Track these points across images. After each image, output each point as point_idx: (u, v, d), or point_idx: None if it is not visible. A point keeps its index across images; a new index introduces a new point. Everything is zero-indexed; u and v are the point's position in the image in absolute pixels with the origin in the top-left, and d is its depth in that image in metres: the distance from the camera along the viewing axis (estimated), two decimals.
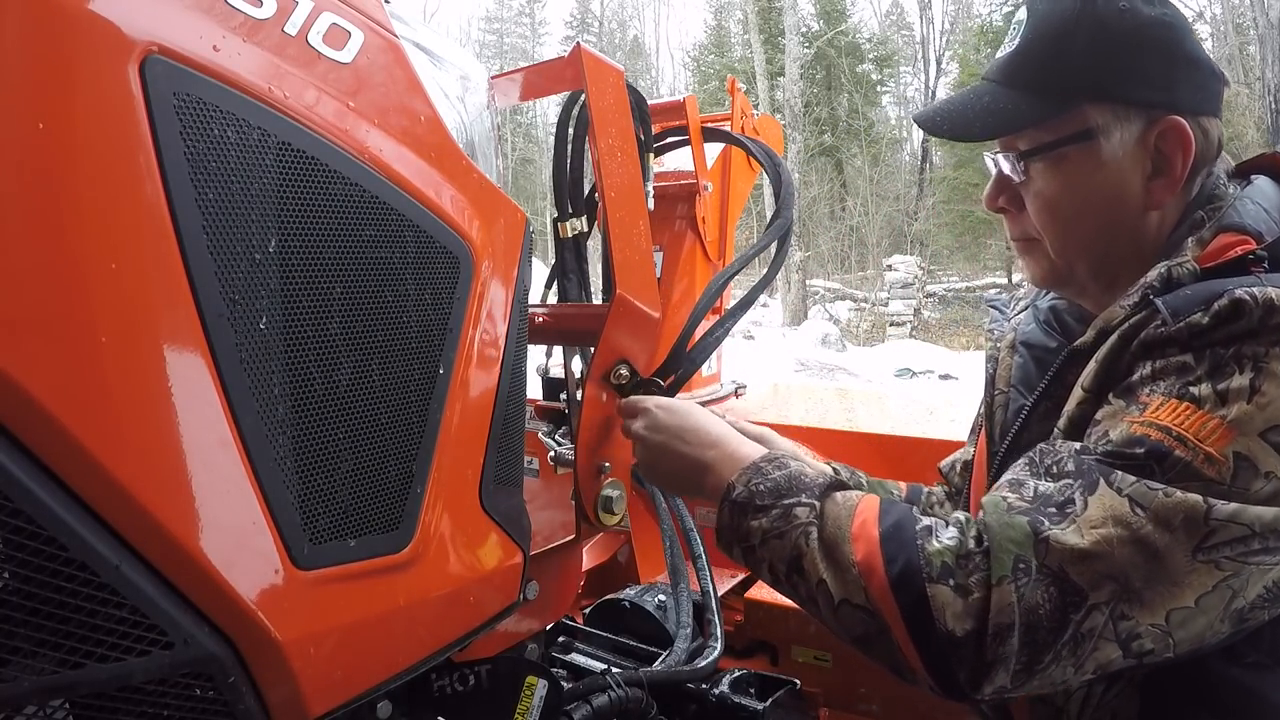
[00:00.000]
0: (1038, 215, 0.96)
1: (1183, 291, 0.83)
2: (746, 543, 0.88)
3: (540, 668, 1.10)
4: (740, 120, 2.10)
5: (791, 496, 0.87)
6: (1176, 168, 0.90)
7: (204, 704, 0.68)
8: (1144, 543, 0.71)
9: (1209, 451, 0.73)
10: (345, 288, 0.74)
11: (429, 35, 0.91)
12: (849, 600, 0.79)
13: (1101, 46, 0.89)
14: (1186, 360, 0.78)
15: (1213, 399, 0.75)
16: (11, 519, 0.56)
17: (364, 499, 0.77)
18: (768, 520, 0.86)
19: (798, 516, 0.85)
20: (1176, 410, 0.75)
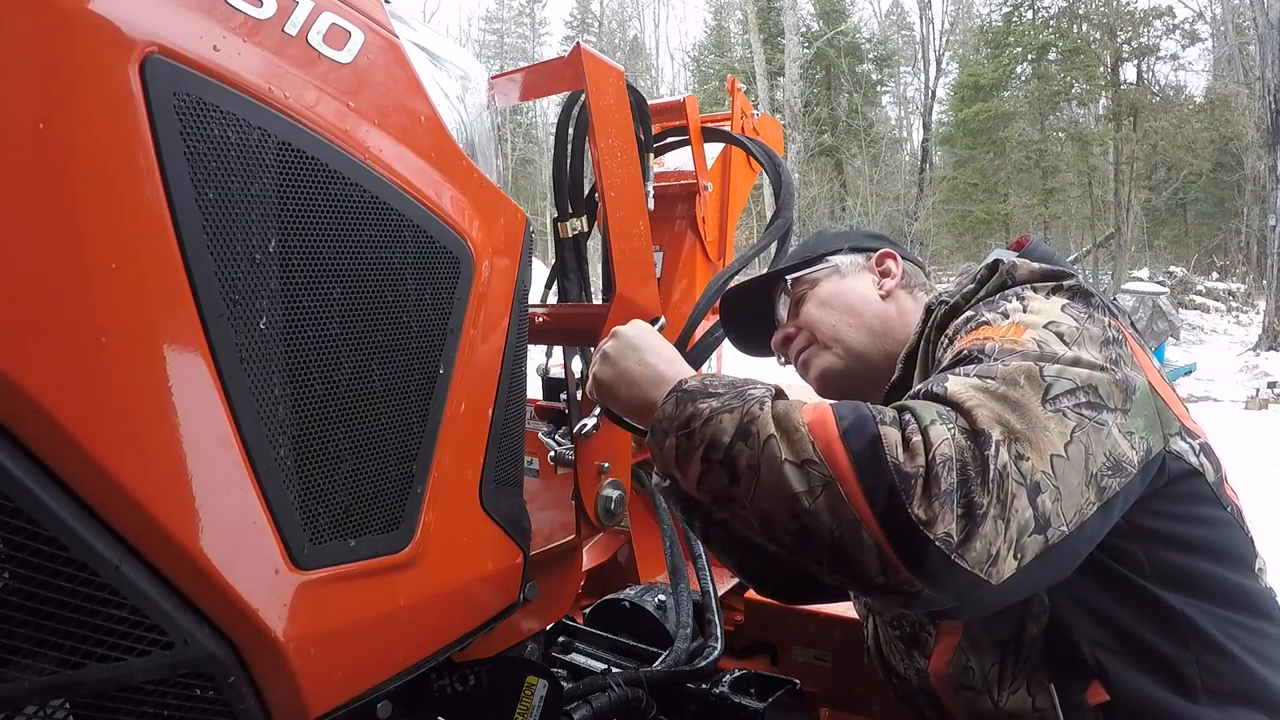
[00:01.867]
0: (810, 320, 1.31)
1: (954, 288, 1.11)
2: (687, 427, 0.88)
3: (540, 668, 1.10)
4: (740, 120, 2.10)
5: (745, 385, 0.90)
6: (892, 271, 1.32)
7: (204, 704, 0.68)
8: (1005, 398, 0.82)
9: (1013, 339, 0.89)
10: (345, 288, 0.74)
11: (429, 35, 0.91)
12: (793, 459, 0.80)
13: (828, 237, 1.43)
14: (968, 314, 1.01)
15: (998, 318, 0.95)
16: (11, 519, 0.56)
17: (364, 499, 0.77)
18: (719, 401, 0.88)
19: (752, 394, 0.88)
20: (975, 333, 0.94)
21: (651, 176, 1.46)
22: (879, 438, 0.78)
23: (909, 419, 0.80)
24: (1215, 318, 19.39)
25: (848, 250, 1.35)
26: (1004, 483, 0.77)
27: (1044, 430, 0.81)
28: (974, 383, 0.83)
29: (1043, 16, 27.89)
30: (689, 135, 1.87)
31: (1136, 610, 0.94)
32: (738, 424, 0.85)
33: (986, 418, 0.80)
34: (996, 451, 0.78)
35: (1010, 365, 0.85)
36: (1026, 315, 0.93)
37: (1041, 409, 0.82)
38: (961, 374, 0.85)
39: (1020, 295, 0.98)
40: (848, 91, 28.59)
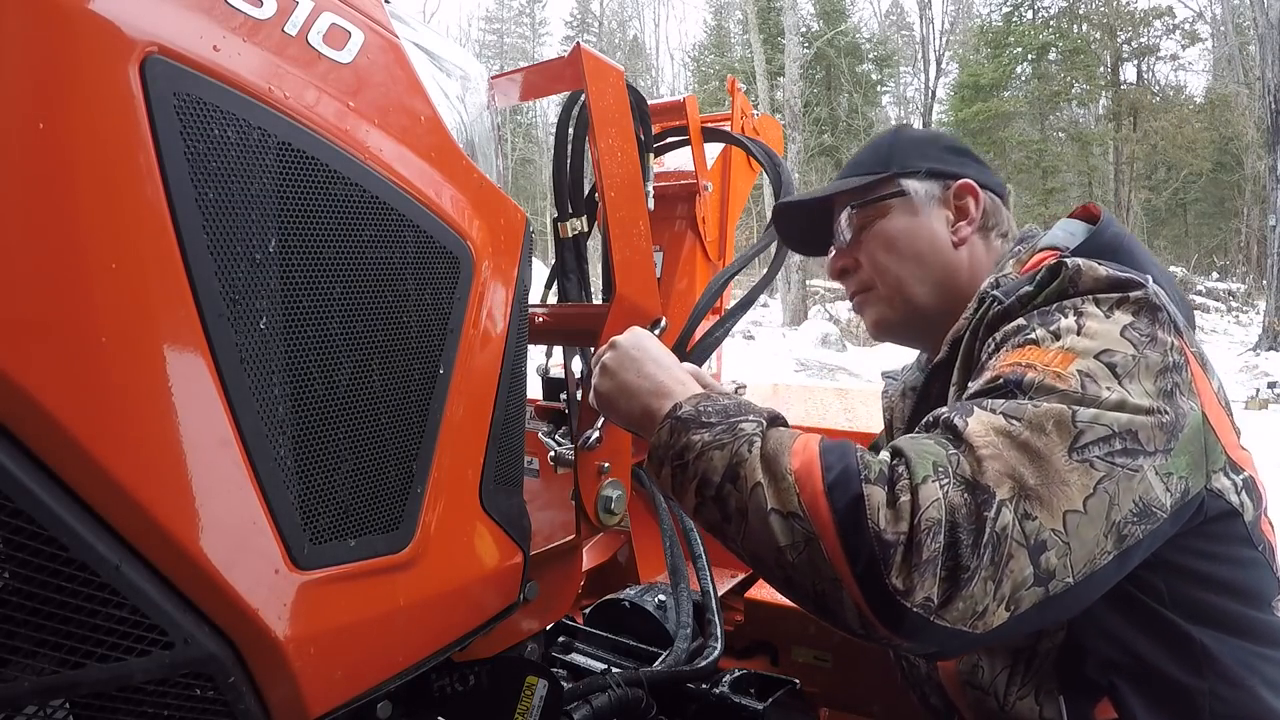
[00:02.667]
0: (870, 259, 1.20)
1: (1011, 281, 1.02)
2: (681, 459, 0.88)
3: (540, 668, 1.10)
4: (740, 120, 2.10)
5: (739, 415, 0.88)
6: (971, 211, 1.17)
7: (204, 704, 0.68)
8: (1026, 446, 0.78)
9: (1057, 370, 0.83)
10: (345, 288, 0.74)
11: (429, 35, 0.91)
12: (779, 509, 0.79)
13: (909, 145, 1.23)
14: (1019, 323, 0.93)
15: (1048, 337, 0.88)
16: (11, 519, 0.56)
17: (364, 499, 0.77)
18: (710, 434, 0.87)
19: (743, 430, 0.86)
20: (1022, 352, 0.88)
21: (651, 176, 1.46)
22: (862, 498, 0.76)
23: (901, 473, 0.77)
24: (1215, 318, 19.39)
25: (925, 175, 1.18)
26: (1000, 545, 0.74)
27: (1061, 485, 0.77)
28: (997, 423, 0.80)
29: (1043, 16, 27.90)
30: (689, 135, 1.87)
31: (1154, 636, 0.92)
32: (727, 464, 0.84)
33: (996, 472, 0.76)
34: (998, 513, 0.75)
35: (1041, 407, 0.80)
36: (1079, 339, 0.86)
37: (1065, 460, 0.78)
38: (989, 409, 0.81)
39: (1079, 309, 0.89)
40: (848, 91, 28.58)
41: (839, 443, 0.83)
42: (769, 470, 0.82)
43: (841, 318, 17.09)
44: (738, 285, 4.41)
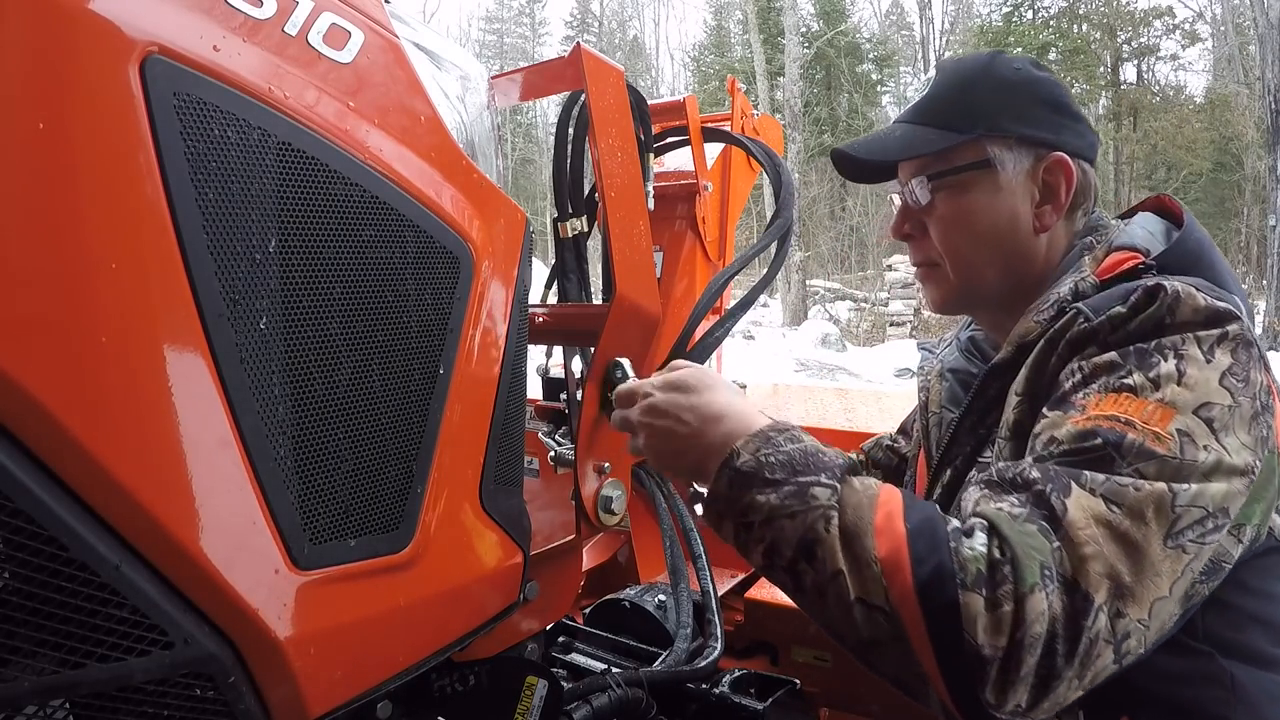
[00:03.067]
0: (940, 236, 1.08)
1: (1099, 295, 0.92)
2: (745, 518, 0.81)
3: (540, 668, 1.10)
4: (740, 120, 2.10)
5: (808, 474, 0.80)
6: (1060, 196, 1.04)
7: (204, 704, 0.68)
8: (1126, 538, 0.74)
9: (1156, 430, 0.79)
10: (345, 288, 0.74)
11: (429, 35, 0.91)
12: (865, 600, 0.74)
13: (999, 93, 1.05)
14: (1113, 359, 0.85)
15: (1148, 385, 0.82)
16: (11, 519, 0.56)
17: (364, 499, 0.76)
18: (778, 496, 0.79)
19: (816, 497, 0.78)
20: (1118, 400, 0.82)
21: (651, 176, 1.46)
22: (958, 606, 0.70)
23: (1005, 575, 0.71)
24: None
25: (1016, 142, 1.03)
26: (1092, 648, 0.72)
27: (1154, 576, 0.74)
28: (1098, 510, 0.75)
29: (1043, 16, 27.91)
30: (689, 135, 1.87)
31: (1184, 665, 0.89)
32: (800, 538, 0.78)
33: (1097, 574, 0.72)
34: (1094, 619, 0.72)
35: (1143, 491, 0.75)
36: (1179, 391, 0.80)
37: (1160, 549, 0.75)
38: (1088, 487, 0.76)
39: (1179, 351, 0.83)
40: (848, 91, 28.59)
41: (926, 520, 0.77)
42: (851, 555, 0.75)
43: (841, 318, 17.09)
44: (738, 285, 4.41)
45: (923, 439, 1.23)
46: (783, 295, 18.81)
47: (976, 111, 1.04)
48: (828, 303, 18.46)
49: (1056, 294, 0.97)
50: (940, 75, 1.10)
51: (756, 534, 0.81)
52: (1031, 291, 1.03)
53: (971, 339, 1.24)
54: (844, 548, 0.76)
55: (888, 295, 17.91)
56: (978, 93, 1.05)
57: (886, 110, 31.97)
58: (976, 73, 1.07)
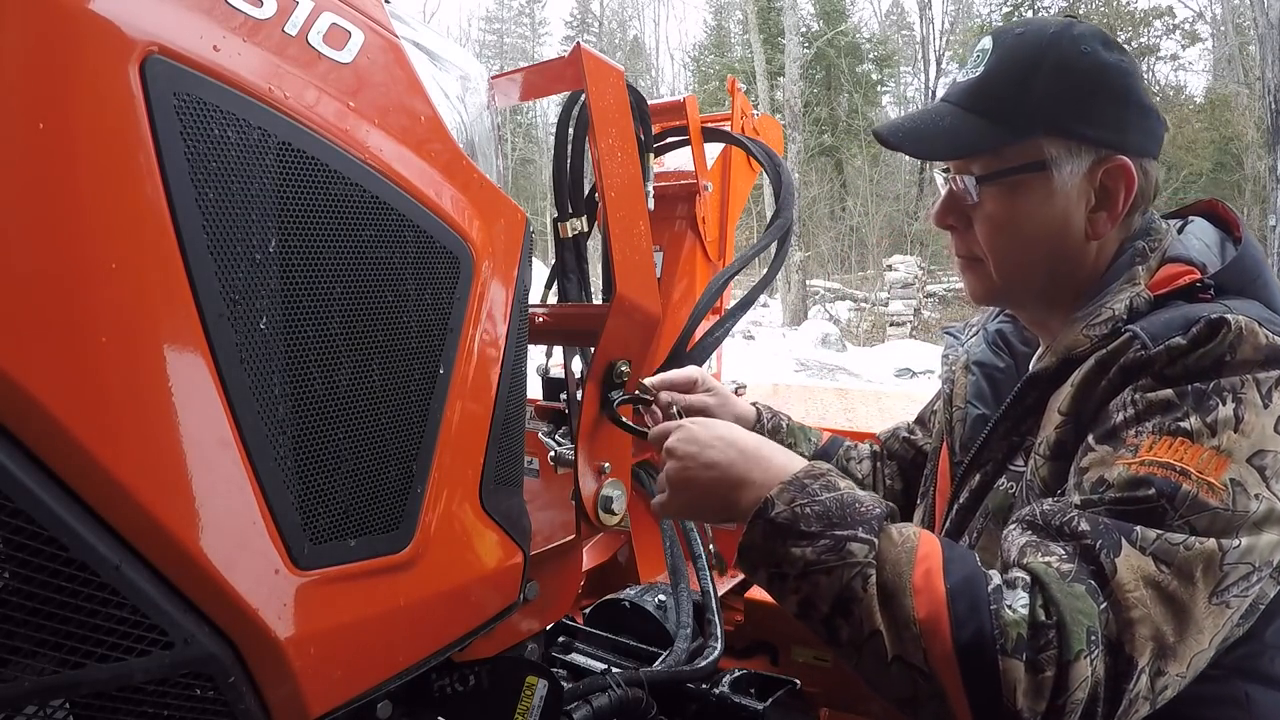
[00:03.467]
0: (985, 237, 1.01)
1: (1157, 318, 0.88)
2: (779, 569, 0.81)
3: (540, 668, 1.10)
4: (740, 120, 2.10)
5: (845, 527, 0.79)
6: (1118, 203, 0.96)
7: (204, 704, 0.68)
8: (1173, 598, 0.74)
9: (1210, 481, 0.77)
10: (345, 288, 0.74)
11: (429, 35, 0.91)
12: (904, 659, 0.74)
13: (1062, 85, 0.94)
14: (1169, 397, 0.82)
15: (1204, 431, 0.79)
16: (11, 519, 0.56)
17: (364, 499, 0.76)
18: (813, 551, 0.78)
19: (853, 554, 0.77)
20: (1173, 446, 0.79)
21: (651, 176, 1.46)
22: (998, 673, 0.70)
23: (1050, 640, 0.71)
24: None
25: (1078, 139, 0.94)
26: (1131, 707, 0.72)
27: (1197, 634, 0.75)
28: (1147, 571, 0.74)
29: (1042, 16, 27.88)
30: (689, 135, 1.87)
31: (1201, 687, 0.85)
32: (836, 594, 0.77)
33: (1143, 637, 0.72)
34: (1136, 681, 0.72)
35: (1193, 550, 0.75)
36: (1234, 437, 0.78)
37: (1205, 606, 0.75)
38: (1138, 544, 0.75)
39: (1238, 395, 0.80)
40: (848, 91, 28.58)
41: (966, 579, 0.75)
42: (889, 615, 0.74)
43: (841, 318, 17.09)
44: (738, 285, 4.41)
45: (946, 434, 1.20)
46: (783, 295, 18.82)
47: (1035, 106, 0.94)
48: (828, 303, 18.46)
49: (1111, 310, 0.92)
50: (997, 50, 0.98)
51: (791, 585, 0.80)
52: (1078, 293, 0.99)
53: (1000, 331, 1.20)
54: (882, 607, 0.75)
55: (888, 295, 17.92)
56: (1039, 83, 0.94)
57: (886, 110, 31.97)
58: (1039, 55, 0.95)
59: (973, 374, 1.18)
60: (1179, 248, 0.96)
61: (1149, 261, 0.96)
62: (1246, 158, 21.77)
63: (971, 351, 1.21)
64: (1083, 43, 0.95)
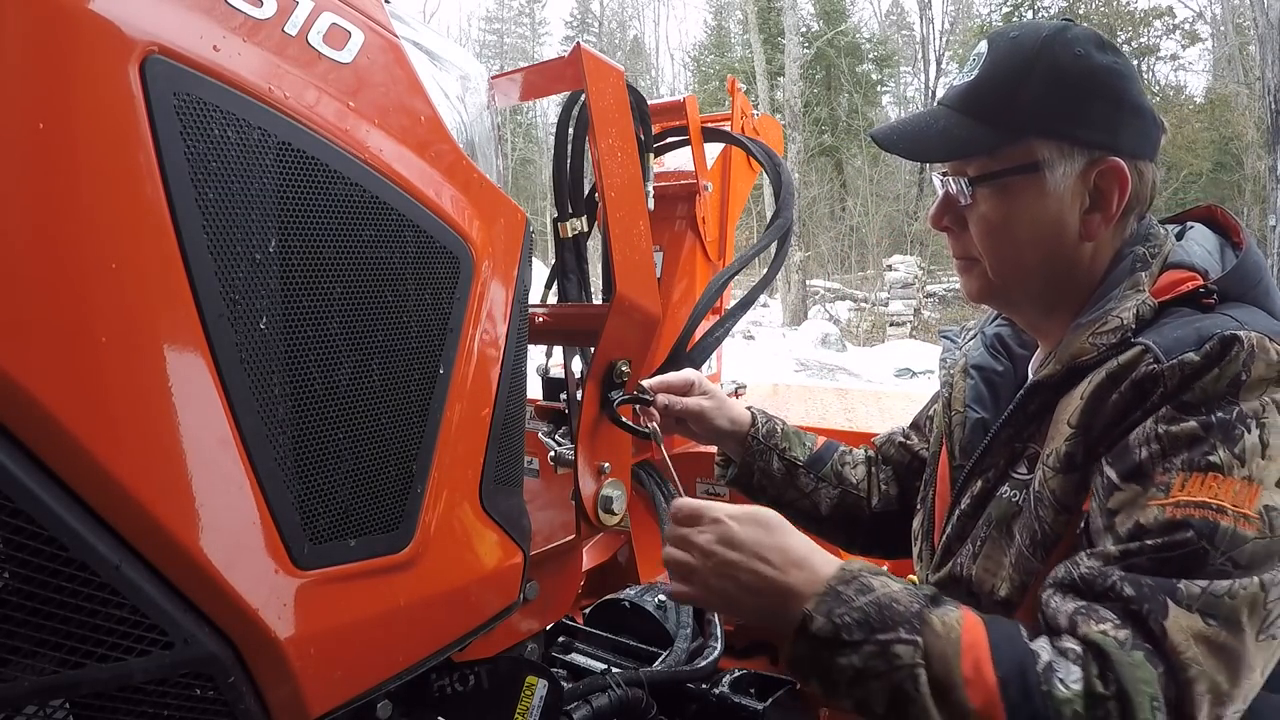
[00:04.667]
0: (980, 238, 1.02)
1: (1168, 331, 0.88)
2: (828, 677, 0.82)
3: (540, 668, 1.10)
4: (740, 120, 2.10)
5: (887, 631, 0.80)
6: (1112, 204, 0.97)
7: (204, 704, 0.68)
8: (1224, 648, 0.75)
9: (1246, 513, 0.78)
10: (345, 288, 0.74)
11: (429, 35, 0.91)
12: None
13: (1054, 88, 0.95)
14: (1194, 431, 0.81)
15: (1234, 463, 0.79)
16: (11, 519, 0.56)
17: (364, 499, 0.76)
18: (860, 659, 0.79)
19: (899, 656, 0.78)
20: (1205, 482, 0.80)
21: (651, 176, 1.46)
22: None
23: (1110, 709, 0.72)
24: None
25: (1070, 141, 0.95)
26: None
27: (1249, 672, 0.76)
28: (1198, 628, 0.75)
29: (1043, 16, 27.91)
30: (689, 135, 1.87)
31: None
32: (890, 698, 0.78)
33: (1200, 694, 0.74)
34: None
35: (1238, 598, 0.76)
36: (1263, 464, 0.79)
37: (1254, 645, 0.76)
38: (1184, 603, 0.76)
39: (1261, 419, 0.80)
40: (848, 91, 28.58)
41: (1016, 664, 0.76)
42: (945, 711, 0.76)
43: (841, 318, 17.09)
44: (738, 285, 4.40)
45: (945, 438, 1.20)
46: (783, 295, 18.82)
47: (1028, 108, 0.95)
48: (828, 303, 18.46)
49: (1118, 318, 0.92)
50: (991, 54, 0.99)
51: (844, 692, 0.81)
52: (1074, 296, 1.00)
53: (998, 335, 1.20)
54: (937, 705, 0.76)
55: (888, 295, 17.92)
56: (1031, 85, 0.95)
57: (886, 110, 31.98)
58: (1031, 58, 0.95)
59: (971, 378, 1.18)
60: (1180, 253, 0.96)
61: (1151, 267, 0.96)
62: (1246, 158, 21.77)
63: (969, 355, 1.21)
64: (1076, 45, 0.96)
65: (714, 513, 0.94)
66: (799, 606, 0.84)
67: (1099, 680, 0.74)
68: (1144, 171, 0.99)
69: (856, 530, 1.37)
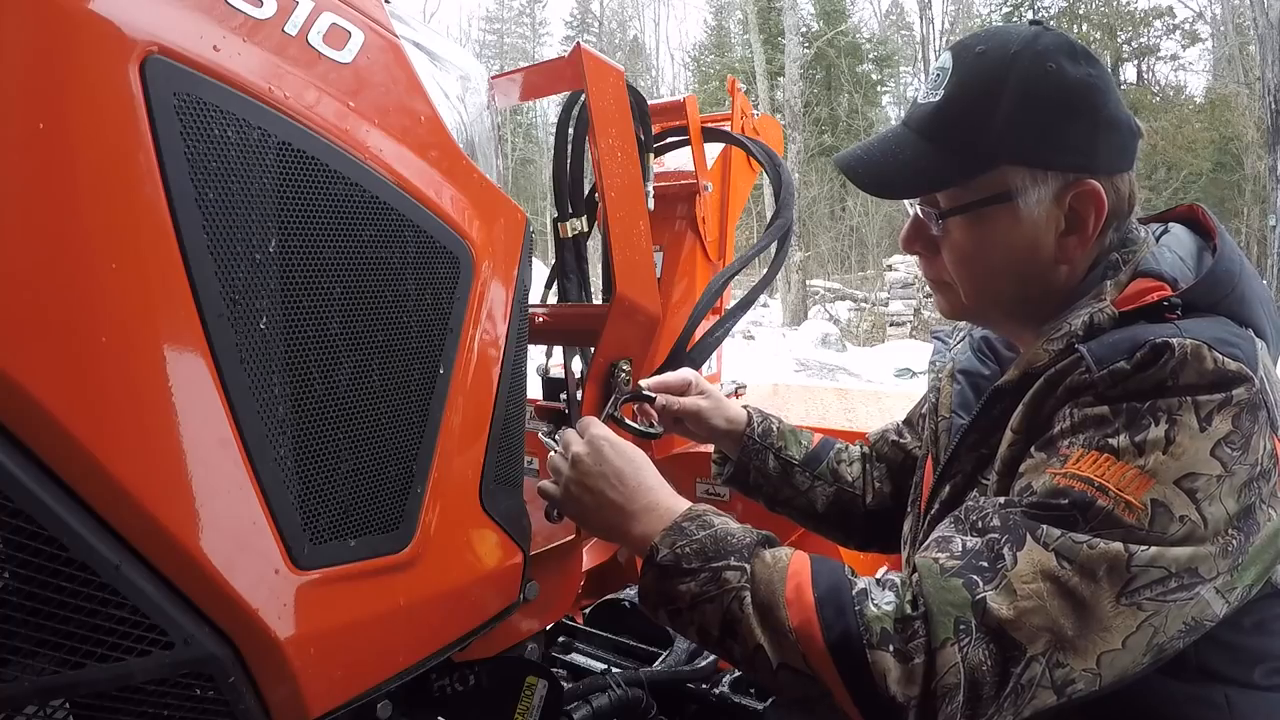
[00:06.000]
0: (953, 265, 1.00)
1: (1107, 339, 0.86)
2: (673, 605, 0.86)
3: (540, 668, 1.10)
4: (740, 120, 2.10)
5: (719, 559, 0.84)
6: (1089, 226, 0.93)
7: (204, 704, 0.68)
8: (1073, 594, 0.75)
9: (1129, 499, 0.77)
10: (345, 288, 0.74)
11: (429, 35, 0.91)
12: (788, 665, 0.79)
13: (1025, 111, 0.90)
14: (1104, 413, 0.81)
15: (1130, 450, 0.78)
16: (11, 519, 0.56)
17: (364, 499, 0.77)
18: (696, 584, 0.84)
19: (728, 580, 0.83)
20: (1097, 461, 0.79)
21: (651, 176, 1.46)
22: (867, 665, 0.75)
23: (917, 629, 0.75)
24: None
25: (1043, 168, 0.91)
26: (1024, 692, 0.74)
27: (1102, 631, 0.75)
28: (1047, 565, 0.76)
29: (1043, 16, 27.92)
30: (689, 135, 1.87)
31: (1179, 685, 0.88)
32: (721, 620, 0.82)
33: (1033, 627, 0.74)
34: (1026, 667, 0.74)
35: (1097, 549, 0.75)
36: (1163, 460, 0.77)
37: (1112, 606, 0.75)
38: (1042, 541, 0.77)
39: (1173, 417, 0.78)
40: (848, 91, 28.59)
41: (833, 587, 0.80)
42: (768, 628, 0.80)
43: (841, 318, 17.09)
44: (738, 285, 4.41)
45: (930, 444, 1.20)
46: (783, 295, 18.82)
47: (997, 135, 0.90)
48: (828, 303, 18.46)
49: (1069, 324, 0.91)
50: (957, 72, 0.94)
51: (686, 618, 0.86)
52: (1050, 310, 0.97)
53: (985, 338, 1.19)
54: (760, 624, 0.80)
55: (888, 295, 17.91)
56: (1000, 109, 0.90)
57: (886, 110, 31.98)
58: (1000, 77, 0.91)
59: (958, 383, 1.17)
60: (1150, 261, 0.93)
61: (1119, 275, 0.94)
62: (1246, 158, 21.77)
63: (957, 359, 1.20)
64: (1047, 59, 0.91)
65: (594, 429, 1.01)
66: (647, 537, 0.90)
67: (909, 605, 0.77)
68: (1120, 187, 0.96)
69: (852, 527, 1.37)
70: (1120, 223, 0.98)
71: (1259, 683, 0.90)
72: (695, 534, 0.87)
